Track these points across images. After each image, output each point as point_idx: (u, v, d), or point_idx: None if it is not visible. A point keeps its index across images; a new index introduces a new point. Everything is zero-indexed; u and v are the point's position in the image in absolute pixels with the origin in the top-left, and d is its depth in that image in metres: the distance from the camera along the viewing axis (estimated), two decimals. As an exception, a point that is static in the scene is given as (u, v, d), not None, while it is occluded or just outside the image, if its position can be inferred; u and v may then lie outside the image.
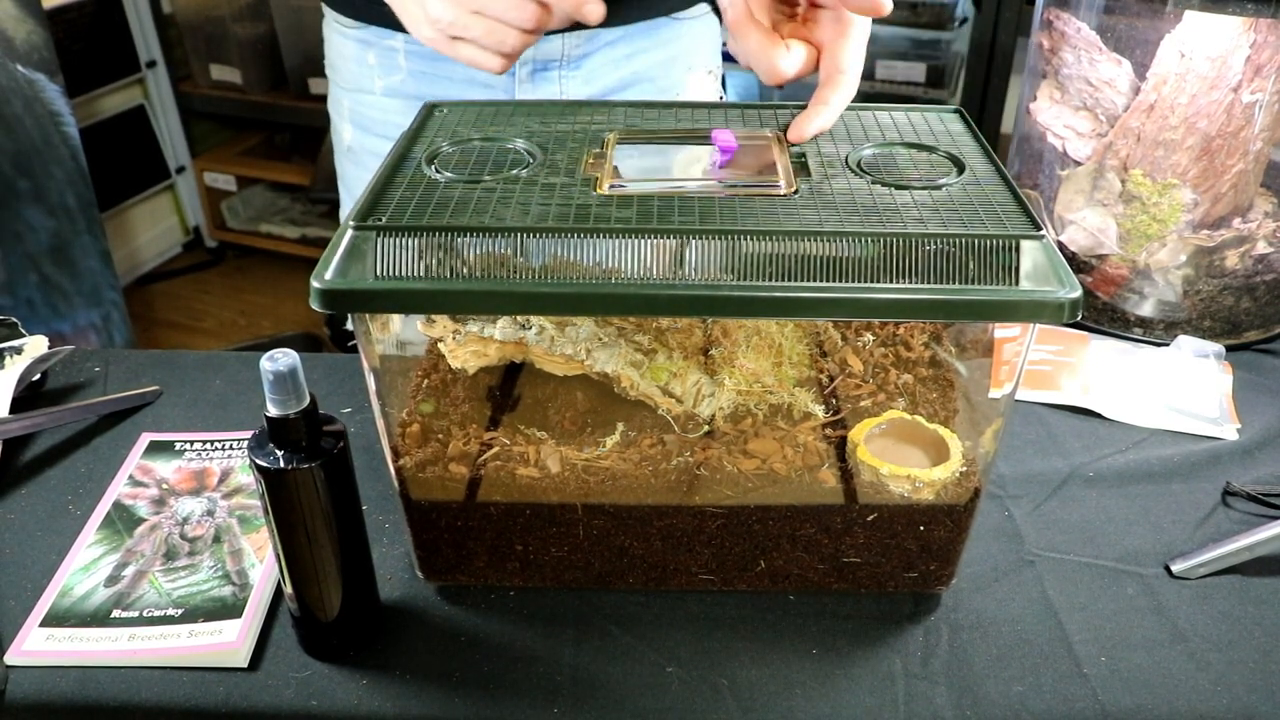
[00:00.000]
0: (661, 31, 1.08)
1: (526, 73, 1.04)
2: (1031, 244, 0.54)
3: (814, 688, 0.64)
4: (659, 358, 0.69)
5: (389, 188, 0.61)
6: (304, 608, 0.63)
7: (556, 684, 0.64)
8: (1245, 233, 0.93)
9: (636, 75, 1.08)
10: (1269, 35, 0.85)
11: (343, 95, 1.12)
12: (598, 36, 1.04)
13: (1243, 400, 0.90)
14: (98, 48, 2.50)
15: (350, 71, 1.10)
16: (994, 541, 0.75)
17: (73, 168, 1.93)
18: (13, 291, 1.83)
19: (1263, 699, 0.63)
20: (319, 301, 0.54)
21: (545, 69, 1.04)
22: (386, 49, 1.05)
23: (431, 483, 0.66)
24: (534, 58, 1.03)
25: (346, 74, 1.10)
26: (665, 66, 1.10)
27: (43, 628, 0.66)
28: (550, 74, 1.04)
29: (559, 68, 1.04)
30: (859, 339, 0.74)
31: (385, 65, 1.06)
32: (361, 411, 0.87)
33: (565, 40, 1.03)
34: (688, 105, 0.76)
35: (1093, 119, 0.95)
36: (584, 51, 1.04)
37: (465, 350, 0.69)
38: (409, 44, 1.04)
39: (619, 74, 1.07)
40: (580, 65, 1.05)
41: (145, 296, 2.75)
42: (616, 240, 0.55)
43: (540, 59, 1.03)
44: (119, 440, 0.84)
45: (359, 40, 1.07)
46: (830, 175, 0.63)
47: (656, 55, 1.09)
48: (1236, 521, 0.77)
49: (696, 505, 0.66)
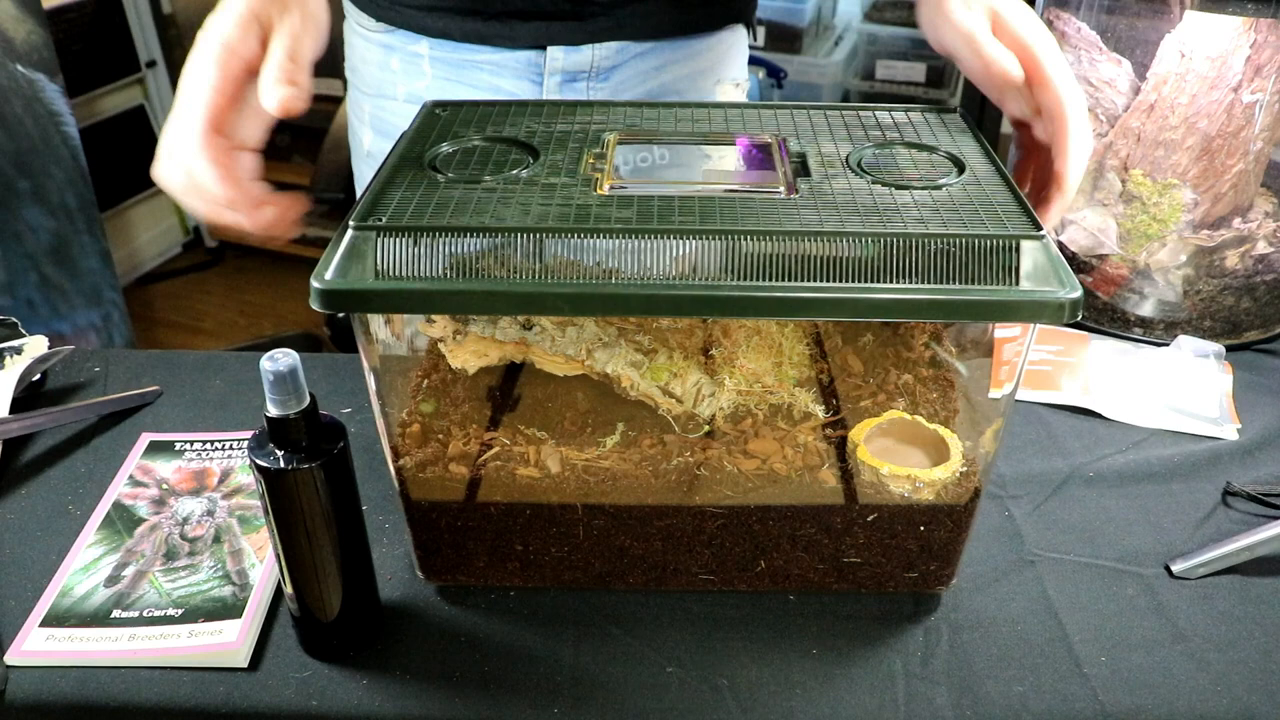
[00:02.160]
0: (692, 44, 1.06)
1: (555, 83, 1.02)
2: (1031, 244, 0.54)
3: (814, 688, 0.64)
4: (659, 358, 0.69)
5: (389, 188, 0.61)
6: (304, 608, 0.63)
7: (556, 684, 0.64)
8: (1245, 233, 0.93)
9: (665, 88, 1.07)
10: (1269, 35, 0.85)
11: (364, 100, 1.10)
12: (627, 49, 1.02)
13: (1243, 400, 0.90)
14: (98, 48, 2.50)
15: (373, 76, 1.07)
16: (994, 541, 0.75)
17: (73, 168, 1.93)
18: (13, 291, 1.83)
19: (1263, 699, 0.63)
20: (319, 301, 0.54)
21: (574, 80, 1.03)
22: (411, 54, 1.03)
23: (431, 483, 0.66)
24: (563, 68, 1.01)
25: (369, 78, 1.08)
26: (693, 79, 1.08)
27: (43, 628, 0.66)
28: (579, 85, 1.03)
29: (587, 79, 1.03)
30: (859, 339, 0.74)
31: (409, 71, 1.04)
32: (361, 411, 0.87)
33: (595, 51, 1.01)
34: (688, 105, 0.76)
35: (1093, 119, 0.95)
36: (613, 63, 1.03)
37: (465, 350, 0.69)
38: (434, 49, 1.02)
39: (646, 86, 1.05)
40: (609, 77, 1.03)
41: (145, 296, 2.75)
42: (616, 240, 0.55)
43: (569, 69, 1.02)
44: (119, 440, 0.84)
45: (383, 45, 1.05)
46: (830, 175, 0.63)
47: (685, 68, 1.07)
48: (1236, 521, 0.77)
49: (696, 505, 0.66)
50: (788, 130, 0.70)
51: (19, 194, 1.82)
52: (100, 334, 2.07)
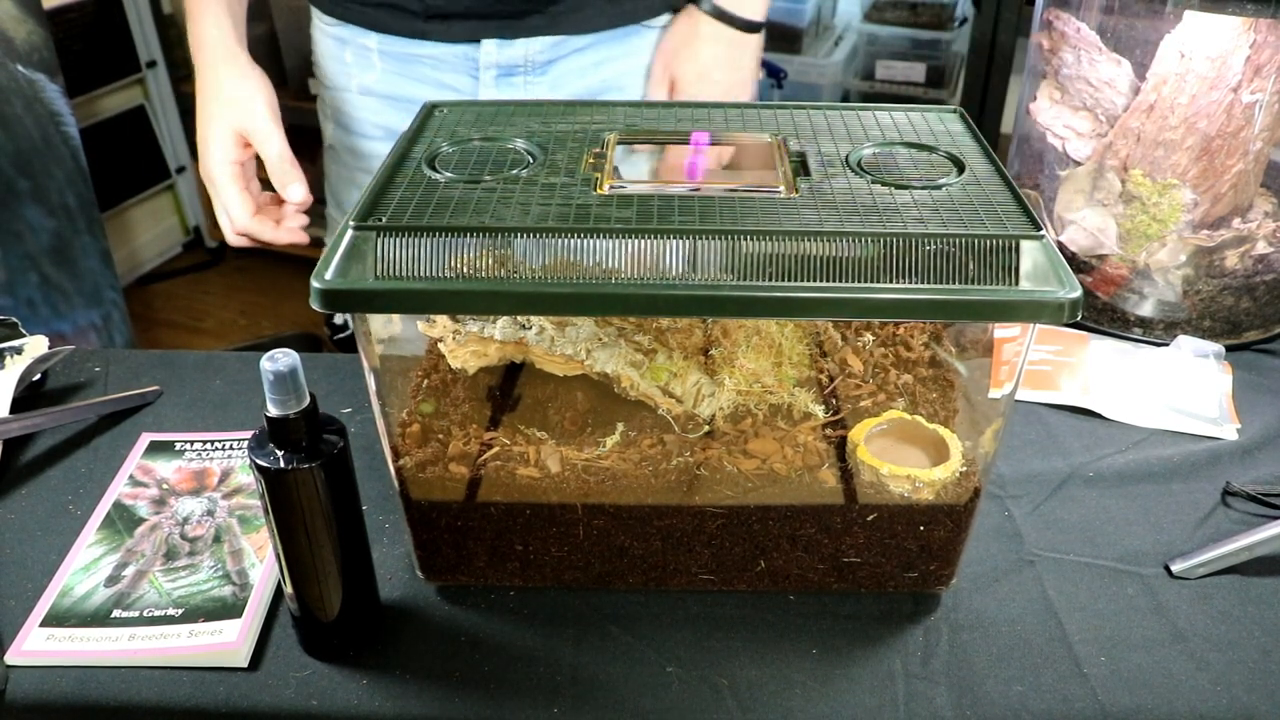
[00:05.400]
0: (632, 40, 1.08)
1: (491, 77, 1.05)
2: (1031, 244, 0.54)
3: (814, 688, 0.64)
4: (659, 358, 0.69)
5: (389, 188, 0.61)
6: (304, 608, 0.63)
7: (556, 684, 0.64)
8: (1245, 233, 0.93)
9: (605, 83, 1.09)
10: (1269, 35, 0.85)
11: (324, 93, 1.15)
12: (565, 43, 1.04)
13: (1243, 400, 0.90)
14: (98, 48, 2.50)
15: (331, 70, 1.12)
16: (994, 541, 0.75)
17: (73, 168, 1.92)
18: (13, 291, 1.83)
19: (1263, 699, 0.63)
20: (319, 301, 0.54)
21: (510, 74, 1.05)
22: (361, 48, 1.07)
23: (431, 483, 0.66)
24: (498, 62, 1.04)
25: (328, 71, 1.13)
26: (635, 75, 1.10)
27: (43, 628, 0.66)
28: (515, 79, 1.05)
29: (524, 73, 1.05)
30: (859, 339, 0.74)
31: (360, 64, 1.08)
32: (361, 411, 0.87)
33: (529, 45, 1.03)
34: (688, 105, 0.76)
35: (1093, 119, 0.95)
36: (549, 58, 1.05)
37: (465, 350, 0.69)
38: (383, 44, 1.06)
39: (585, 81, 1.07)
40: (546, 71, 1.05)
41: (145, 296, 2.75)
42: (616, 240, 0.55)
43: (504, 64, 1.04)
44: (119, 440, 0.84)
45: (336, 38, 1.09)
46: (830, 175, 0.63)
47: (626, 63, 1.09)
48: (1236, 521, 0.77)
49: (696, 505, 0.66)
50: (788, 130, 0.70)
51: (19, 194, 1.81)
52: (100, 334, 2.06)
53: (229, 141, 0.92)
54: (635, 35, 1.08)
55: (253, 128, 0.92)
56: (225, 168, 0.92)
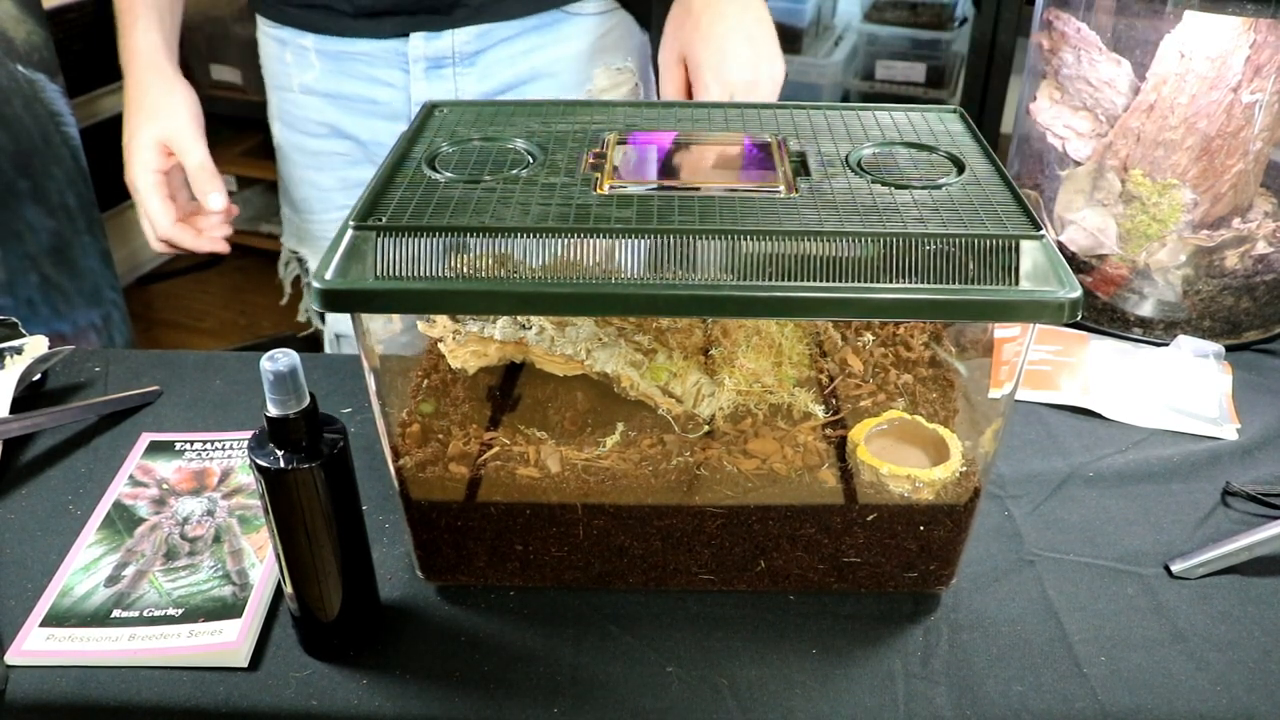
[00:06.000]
0: (561, 27, 1.09)
1: (420, 70, 1.07)
2: (1031, 244, 0.54)
3: (814, 688, 0.64)
4: (659, 358, 0.69)
5: (389, 188, 0.61)
6: (304, 608, 0.63)
7: (556, 684, 0.64)
8: (1245, 233, 0.93)
9: (536, 71, 1.10)
10: (1269, 35, 0.85)
11: (271, 93, 1.18)
12: (491, 33, 1.06)
13: (1243, 400, 0.90)
14: (98, 48, 2.49)
15: (274, 70, 1.15)
16: (994, 541, 0.75)
17: (73, 168, 1.92)
18: (13, 291, 1.83)
19: (1263, 699, 0.63)
20: (319, 301, 0.54)
21: (439, 66, 1.07)
22: (299, 48, 1.10)
23: (431, 483, 0.66)
24: (425, 55, 1.06)
25: (272, 72, 1.16)
26: (569, 62, 1.11)
27: (43, 628, 0.66)
28: (444, 71, 1.07)
29: (452, 65, 1.07)
30: (859, 339, 0.74)
31: (300, 63, 1.11)
32: (361, 411, 0.87)
33: (455, 36, 1.05)
34: (688, 105, 0.76)
35: (1093, 119, 0.95)
36: (477, 48, 1.07)
37: (465, 350, 0.69)
38: (319, 43, 1.08)
39: (515, 70, 1.09)
40: (474, 62, 1.07)
41: (145, 296, 2.75)
42: (616, 240, 0.55)
43: (432, 56, 1.06)
44: (119, 440, 0.84)
45: (277, 40, 1.12)
46: (830, 175, 0.63)
47: (557, 50, 1.10)
48: (1236, 521, 0.77)
49: (696, 505, 0.66)
50: (788, 130, 0.70)
51: (19, 194, 1.81)
52: (100, 334, 2.06)
53: (152, 151, 0.98)
54: (563, 22, 1.09)
55: (175, 138, 0.98)
56: (148, 176, 0.99)
